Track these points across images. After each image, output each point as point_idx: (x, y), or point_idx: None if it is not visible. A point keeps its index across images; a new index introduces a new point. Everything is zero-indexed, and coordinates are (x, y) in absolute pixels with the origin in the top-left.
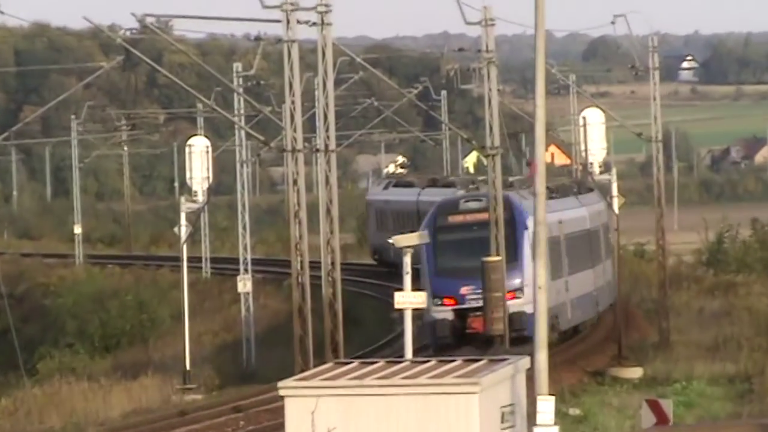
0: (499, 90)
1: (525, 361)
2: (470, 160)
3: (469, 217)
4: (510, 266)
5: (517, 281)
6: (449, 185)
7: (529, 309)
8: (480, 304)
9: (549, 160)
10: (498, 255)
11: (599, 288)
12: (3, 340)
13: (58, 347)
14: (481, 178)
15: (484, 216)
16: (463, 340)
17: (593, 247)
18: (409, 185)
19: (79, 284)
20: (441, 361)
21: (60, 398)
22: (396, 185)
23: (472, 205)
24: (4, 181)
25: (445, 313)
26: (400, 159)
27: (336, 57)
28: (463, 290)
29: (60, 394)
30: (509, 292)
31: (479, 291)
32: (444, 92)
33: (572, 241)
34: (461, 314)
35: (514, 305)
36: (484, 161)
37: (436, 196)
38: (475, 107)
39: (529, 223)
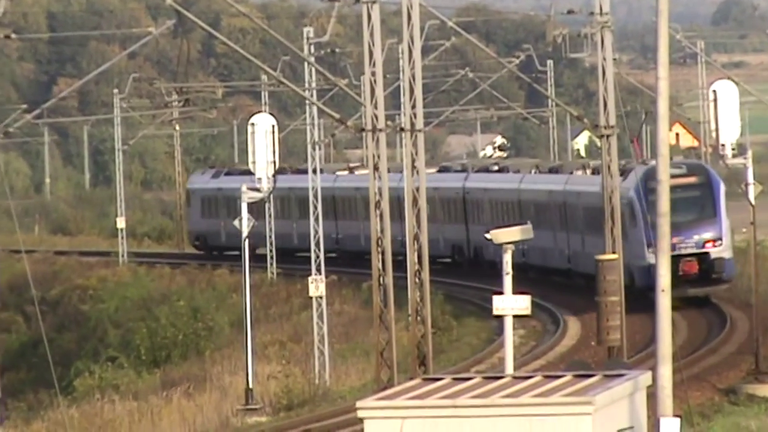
0: (614, 59)
1: (646, 377)
2: (581, 141)
3: (672, 181)
4: (710, 220)
5: (717, 231)
6: (301, 172)
7: (727, 255)
8: (689, 251)
9: (673, 141)
10: (615, 252)
11: None
12: (34, 352)
13: (99, 361)
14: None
15: (685, 180)
16: (674, 283)
17: None
18: (249, 173)
19: (122, 287)
20: (547, 376)
21: (101, 420)
22: (228, 173)
23: (675, 171)
24: (35, 167)
25: None
26: (499, 140)
27: (424, 20)
28: (674, 240)
29: (101, 416)
30: (711, 240)
31: (688, 241)
32: (550, 62)
33: None
34: (672, 260)
35: (715, 252)
36: (597, 142)
37: (291, 182)
38: (586, 79)
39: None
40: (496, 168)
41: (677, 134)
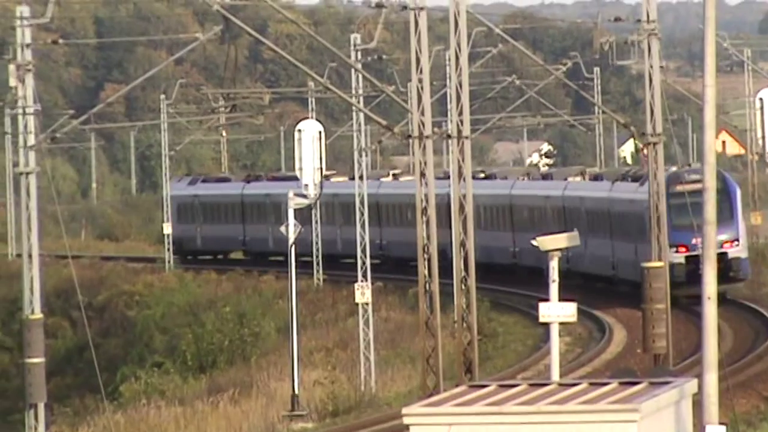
0: (661, 67)
1: (691, 385)
2: (627, 149)
3: (691, 186)
4: (727, 223)
5: (734, 233)
6: (289, 179)
7: (743, 255)
8: None
9: (720, 148)
10: (660, 260)
11: None
12: (80, 358)
13: (144, 366)
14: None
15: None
16: (694, 279)
17: None
18: (225, 180)
19: (168, 293)
20: (593, 383)
21: (147, 426)
22: (205, 181)
23: (694, 176)
24: (81, 172)
25: (679, 258)
26: (545, 147)
27: (471, 27)
28: (694, 240)
29: (147, 421)
30: (728, 241)
31: None
32: (597, 69)
33: None
34: (692, 259)
35: (732, 252)
36: (645, 150)
37: (268, 188)
38: (633, 87)
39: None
40: (482, 175)
41: (723, 142)
